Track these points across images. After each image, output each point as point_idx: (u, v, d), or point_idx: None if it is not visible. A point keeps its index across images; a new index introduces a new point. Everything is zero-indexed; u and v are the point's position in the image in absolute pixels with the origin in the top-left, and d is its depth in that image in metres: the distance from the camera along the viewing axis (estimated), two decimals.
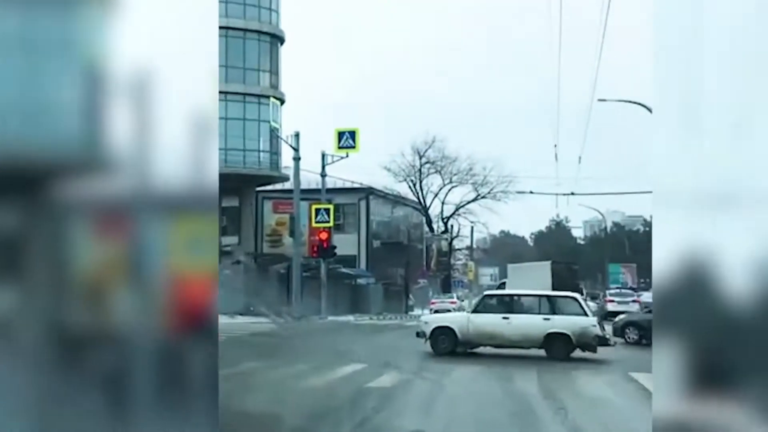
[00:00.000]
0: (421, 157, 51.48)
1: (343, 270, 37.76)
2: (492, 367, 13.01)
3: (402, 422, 8.18)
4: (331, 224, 30.35)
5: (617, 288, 45.82)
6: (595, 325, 14.92)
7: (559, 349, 14.68)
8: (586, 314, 15.06)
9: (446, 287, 50.93)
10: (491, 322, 15.22)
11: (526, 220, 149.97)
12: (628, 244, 71.38)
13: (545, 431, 8.02)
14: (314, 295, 30.51)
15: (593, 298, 44.97)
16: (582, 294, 42.45)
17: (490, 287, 50.89)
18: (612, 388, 10.96)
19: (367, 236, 43.70)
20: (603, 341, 14.94)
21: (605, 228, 69.54)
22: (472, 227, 56.21)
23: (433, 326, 15.66)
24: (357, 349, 16.33)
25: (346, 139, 29.32)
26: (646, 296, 33.67)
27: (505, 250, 76.76)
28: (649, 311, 20.80)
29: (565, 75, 69.97)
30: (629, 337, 19.50)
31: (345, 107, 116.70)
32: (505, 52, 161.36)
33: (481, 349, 15.54)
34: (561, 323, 14.84)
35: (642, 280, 62.28)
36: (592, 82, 65.43)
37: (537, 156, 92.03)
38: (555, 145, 36.33)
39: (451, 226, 55.69)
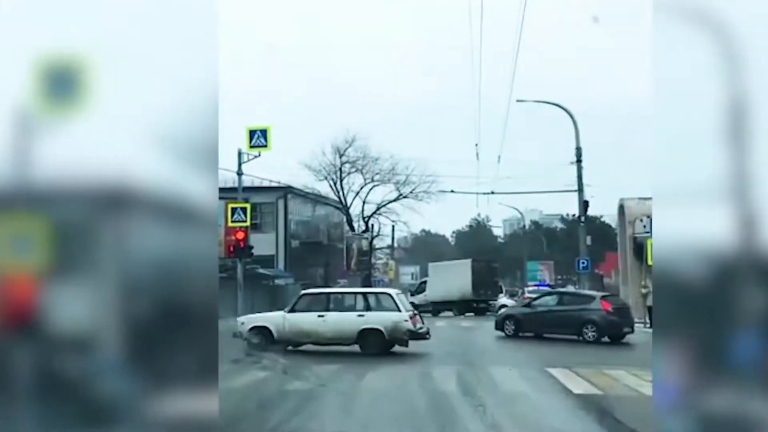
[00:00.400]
0: (341, 156, 51.45)
1: (261, 270, 37.29)
2: (411, 366, 13.13)
3: (321, 424, 8.16)
4: (247, 224, 29.85)
5: (535, 285, 47.06)
6: (407, 320, 15.58)
7: (372, 344, 15.29)
8: (399, 310, 15.63)
9: (366, 286, 51.06)
10: (307, 320, 15.79)
11: (447, 219, 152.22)
12: (546, 242, 73.47)
13: (465, 428, 8.15)
14: (231, 296, 30.01)
15: (512, 295, 46.11)
16: (501, 291, 43.61)
17: (411, 286, 51.39)
18: (528, 382, 11.26)
19: (286, 236, 43.27)
20: (415, 335, 15.63)
21: (524, 226, 71.35)
22: (393, 226, 56.58)
23: (250, 326, 16.07)
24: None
25: (258, 137, 28.86)
26: None
27: (427, 248, 77.62)
28: (526, 305, 22.28)
29: (485, 75, 71.17)
30: (507, 330, 20.78)
31: (264, 103, 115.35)
32: (426, 51, 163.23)
33: (399, 348, 15.67)
34: (374, 319, 15.49)
35: (559, 277, 64.26)
36: (510, 82, 67.23)
37: (458, 155, 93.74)
38: (476, 144, 37.03)
39: (372, 225, 55.85)
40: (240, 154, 30.62)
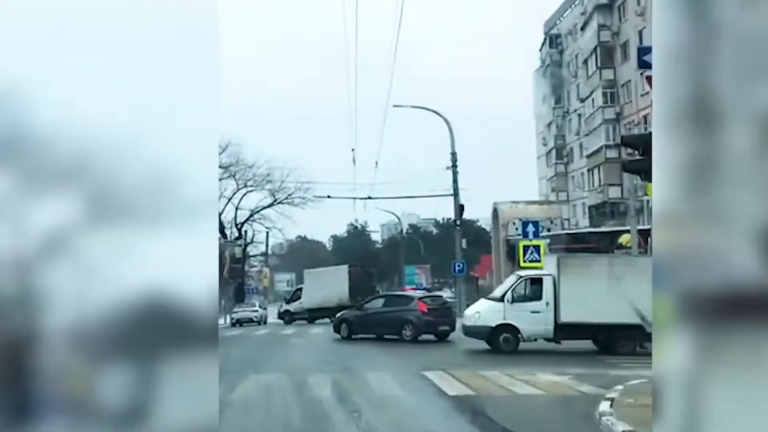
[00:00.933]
0: None
1: None
2: (285, 375, 13.02)
3: None
4: None
5: (412, 289, 47.94)
6: None
7: None
8: None
9: (240, 295, 50.18)
10: None
11: (324, 225, 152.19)
12: (423, 245, 75.06)
13: None
14: None
15: None
16: None
17: (287, 293, 50.96)
18: (404, 386, 11.45)
19: None
20: None
21: (401, 231, 72.56)
22: (267, 233, 55.96)
23: None
24: None
25: None
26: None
27: (303, 255, 77.31)
28: (358, 308, 23.47)
29: (362, 81, 71.60)
30: (343, 332, 22.43)
31: None
32: (302, 56, 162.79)
33: (272, 358, 15.51)
34: None
35: (435, 281, 65.83)
36: (387, 88, 68.36)
37: (335, 161, 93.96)
38: (353, 150, 37.18)
39: (246, 231, 54.99)
40: None
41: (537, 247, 23.90)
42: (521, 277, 18.15)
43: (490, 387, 11.20)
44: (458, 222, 32.60)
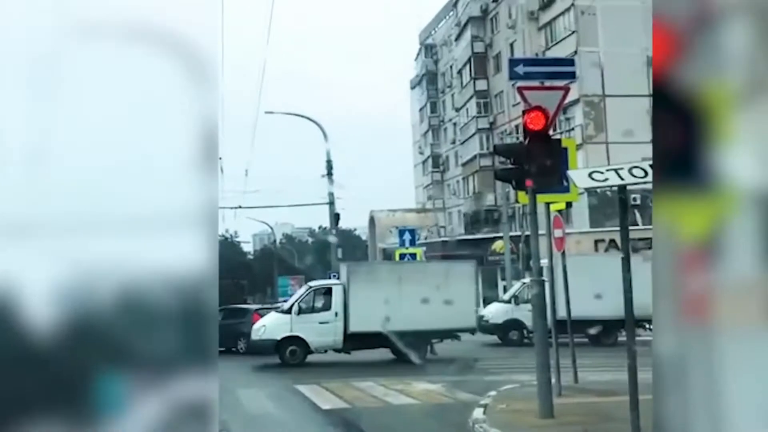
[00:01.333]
0: None
1: None
2: None
3: None
4: None
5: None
6: None
7: None
8: None
9: None
10: None
11: None
12: (298, 255, 74.64)
13: None
14: None
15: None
16: None
17: None
18: (276, 401, 11.28)
19: None
20: None
21: (275, 241, 71.76)
22: None
23: None
24: None
25: None
26: None
27: None
28: None
29: (229, 87, 70.25)
30: None
31: None
32: None
33: None
34: None
35: None
36: (257, 94, 67.64)
37: None
38: (220, 158, 36.35)
39: None
40: None
41: (414, 255, 24.30)
42: (311, 287, 18.29)
43: (365, 398, 11.21)
44: (334, 231, 32.64)
